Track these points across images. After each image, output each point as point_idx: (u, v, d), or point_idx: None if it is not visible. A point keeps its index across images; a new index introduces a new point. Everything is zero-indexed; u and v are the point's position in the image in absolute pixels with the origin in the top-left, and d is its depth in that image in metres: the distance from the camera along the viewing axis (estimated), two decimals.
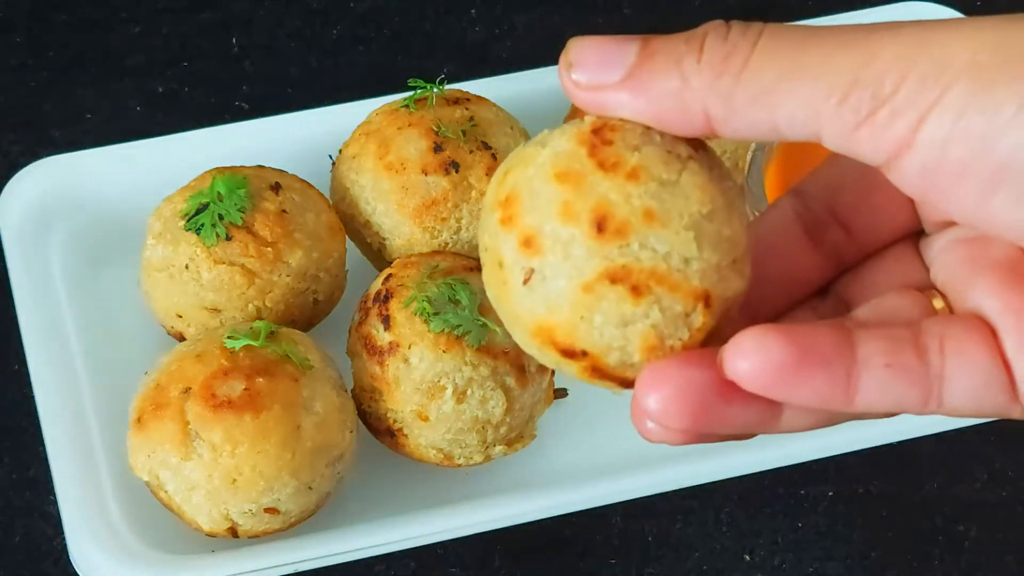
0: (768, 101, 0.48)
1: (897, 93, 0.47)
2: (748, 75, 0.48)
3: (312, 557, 0.84)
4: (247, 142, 0.99)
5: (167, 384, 0.83)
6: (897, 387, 0.50)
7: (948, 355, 0.50)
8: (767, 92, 0.48)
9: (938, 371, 0.50)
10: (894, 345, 0.50)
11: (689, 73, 0.49)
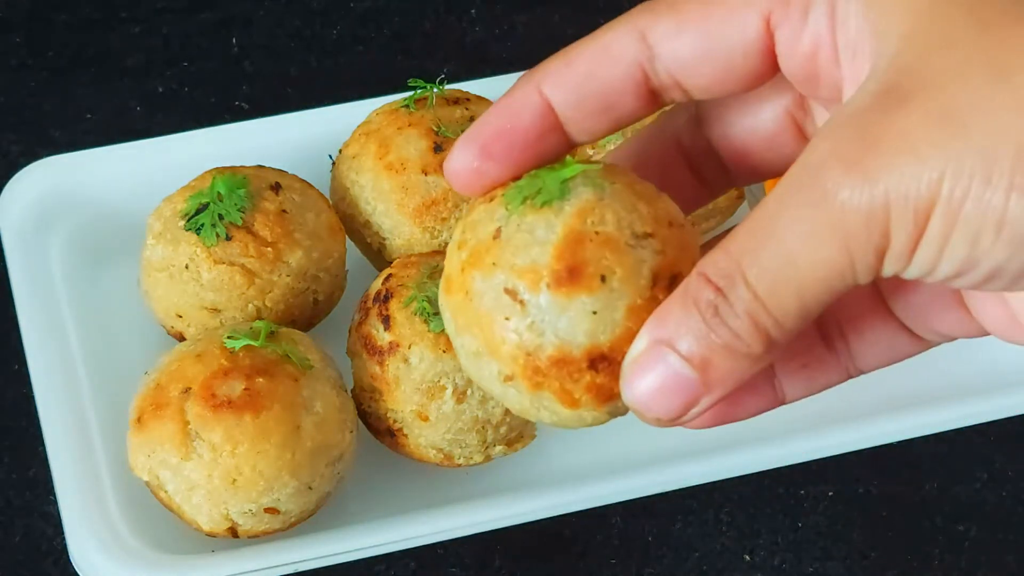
0: (809, 303, 0.49)
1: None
2: (781, 313, 0.49)
3: (312, 557, 0.84)
4: (247, 142, 0.99)
5: (167, 384, 0.83)
6: (818, 380, 0.57)
7: (851, 340, 0.56)
8: (802, 304, 0.49)
9: (847, 353, 0.57)
10: (804, 346, 0.56)
11: (751, 352, 0.49)
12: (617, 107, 0.54)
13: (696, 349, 0.50)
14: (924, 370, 0.96)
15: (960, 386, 0.95)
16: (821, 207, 0.47)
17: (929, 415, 0.91)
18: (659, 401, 0.51)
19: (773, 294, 0.48)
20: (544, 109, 0.54)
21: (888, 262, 0.48)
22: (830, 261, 0.48)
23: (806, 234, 0.47)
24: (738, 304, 0.49)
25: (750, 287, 0.48)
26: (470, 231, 0.53)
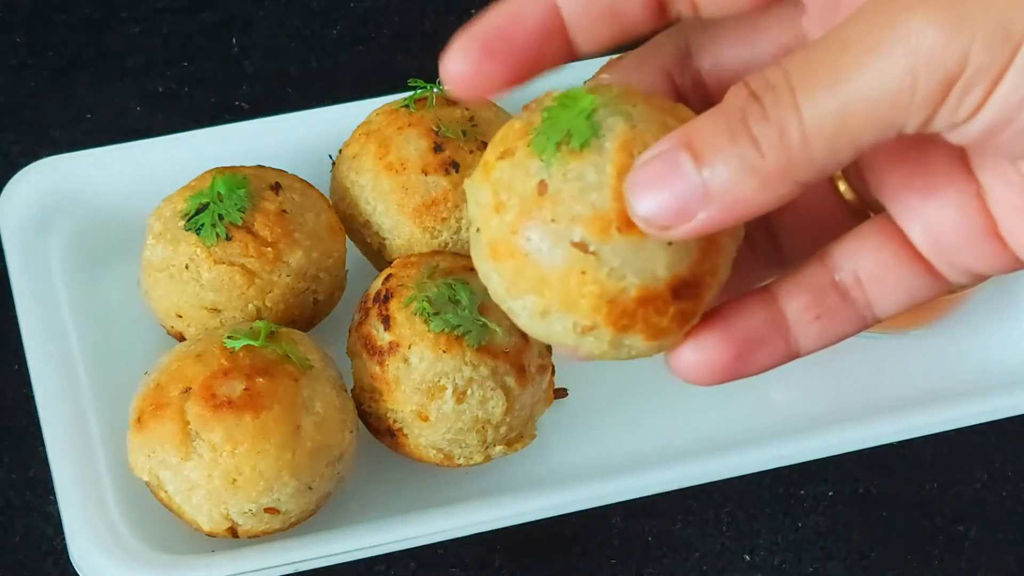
0: (845, 137, 0.46)
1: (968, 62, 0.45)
2: (814, 132, 0.46)
3: (312, 557, 0.84)
4: (247, 142, 0.99)
5: (167, 384, 0.83)
6: (833, 330, 0.54)
7: (867, 286, 0.54)
8: (838, 134, 0.46)
9: (864, 300, 0.54)
10: (816, 296, 0.54)
11: (761, 169, 0.47)
12: (624, 14, 0.52)
13: (709, 154, 0.47)
14: (924, 370, 0.96)
15: (960, 386, 0.95)
16: (895, 20, 0.44)
17: (929, 415, 0.91)
18: (654, 193, 0.48)
19: (813, 105, 0.46)
20: (550, 9, 0.52)
21: (955, 95, 0.45)
22: (889, 79, 0.45)
23: (872, 46, 0.45)
24: (772, 108, 0.46)
25: (790, 93, 0.46)
26: (505, 190, 0.51)
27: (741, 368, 0.54)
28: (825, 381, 0.95)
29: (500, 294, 0.52)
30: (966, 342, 0.98)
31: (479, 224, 0.52)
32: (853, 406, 0.94)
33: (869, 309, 0.54)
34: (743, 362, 0.54)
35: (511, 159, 0.51)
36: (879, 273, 0.54)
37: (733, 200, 0.47)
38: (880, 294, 0.54)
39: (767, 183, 0.47)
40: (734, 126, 0.47)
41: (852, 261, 0.54)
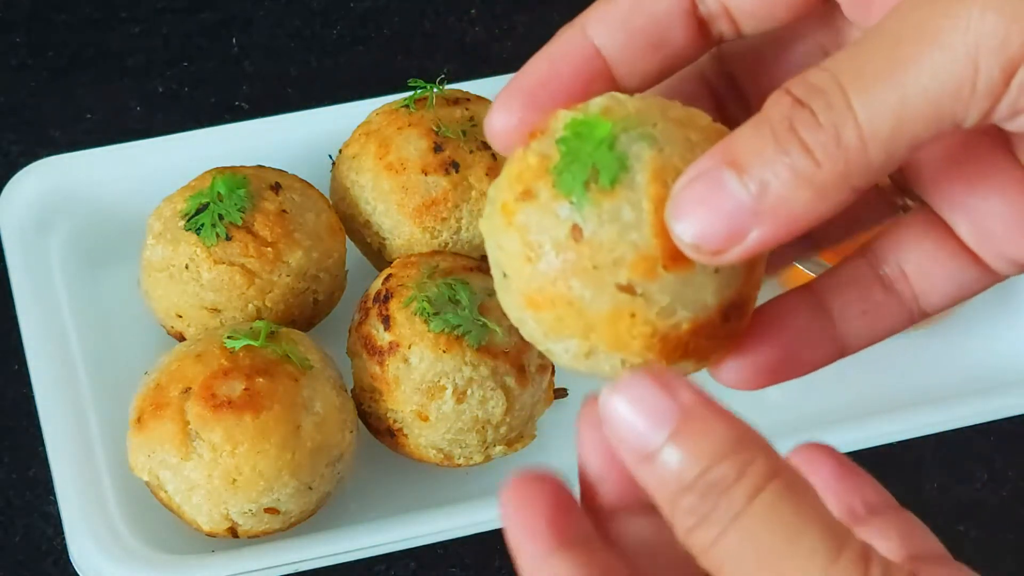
0: (904, 135, 0.44)
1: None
2: (871, 133, 0.44)
3: (312, 557, 0.84)
4: (247, 142, 0.99)
5: (167, 384, 0.83)
6: (880, 325, 0.52)
7: (913, 280, 0.52)
8: (897, 133, 0.44)
9: (910, 295, 0.52)
10: (861, 292, 0.52)
11: (816, 178, 0.44)
12: (667, 42, 0.50)
13: (757, 168, 0.44)
14: (925, 370, 0.96)
15: (960, 386, 0.95)
16: (949, 11, 0.42)
17: (929, 415, 0.91)
18: (702, 218, 0.45)
19: (869, 106, 0.43)
20: (590, 52, 0.50)
21: (1018, 82, 0.43)
22: (950, 71, 0.42)
23: (929, 37, 0.42)
24: (824, 113, 0.43)
25: (843, 95, 0.43)
26: (535, 237, 0.48)
27: (789, 370, 0.52)
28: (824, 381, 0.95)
29: (537, 337, 0.50)
30: (966, 342, 0.98)
31: (507, 270, 0.49)
32: (853, 406, 0.94)
33: (916, 303, 0.53)
34: (790, 364, 0.52)
35: (535, 202, 0.48)
36: (925, 266, 0.52)
37: (788, 214, 0.45)
38: (926, 287, 0.52)
39: (824, 192, 0.44)
40: (782, 135, 0.44)
41: (896, 254, 0.52)
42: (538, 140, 0.49)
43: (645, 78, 0.51)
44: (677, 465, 0.45)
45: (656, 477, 0.45)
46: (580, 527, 0.48)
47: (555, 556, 0.47)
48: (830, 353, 0.53)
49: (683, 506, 0.45)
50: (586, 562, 0.47)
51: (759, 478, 0.44)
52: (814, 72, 0.45)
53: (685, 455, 0.45)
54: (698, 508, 0.44)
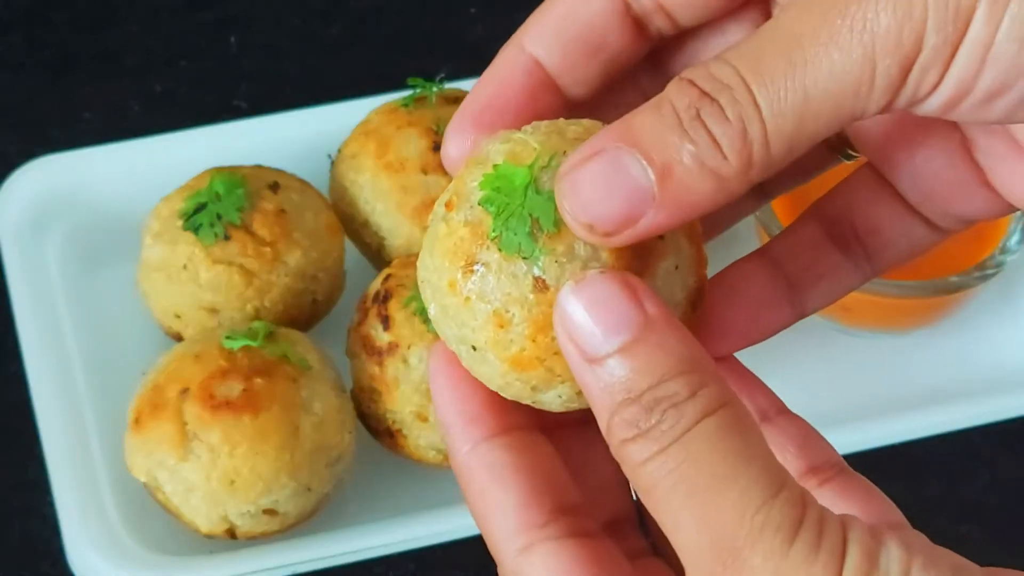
0: (806, 132, 0.45)
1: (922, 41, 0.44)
2: (775, 129, 0.44)
3: (311, 558, 0.84)
4: (245, 141, 0.99)
5: (165, 385, 0.83)
6: (837, 287, 0.53)
7: (865, 239, 0.53)
8: (799, 130, 0.45)
9: (863, 254, 0.53)
10: (816, 255, 0.53)
11: (721, 169, 0.45)
12: (605, 45, 0.51)
13: (660, 153, 0.44)
14: (925, 370, 0.96)
15: (961, 386, 0.95)
16: (848, 10, 0.43)
17: (930, 416, 0.91)
18: (596, 203, 0.45)
19: (773, 104, 0.44)
20: (531, 66, 0.51)
21: (914, 77, 0.44)
22: (848, 71, 0.43)
23: (825, 39, 0.43)
24: (731, 108, 0.44)
25: (749, 92, 0.44)
26: (500, 302, 0.47)
27: (751, 335, 0.53)
28: (825, 381, 0.95)
29: (524, 394, 0.50)
30: (966, 342, 0.98)
31: (476, 344, 0.49)
32: (853, 406, 0.93)
33: (869, 262, 0.54)
34: (752, 329, 0.52)
35: (486, 270, 0.47)
36: (875, 226, 0.53)
37: (687, 201, 0.45)
38: (879, 246, 0.54)
39: (725, 184, 0.45)
40: (689, 124, 0.45)
41: (847, 215, 0.53)
42: (456, 210, 0.48)
43: (589, 85, 0.52)
44: (626, 373, 0.44)
45: (601, 382, 0.45)
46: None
47: (491, 441, 0.49)
48: (789, 315, 0.53)
49: (624, 416, 0.44)
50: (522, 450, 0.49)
51: (710, 401, 0.44)
52: (717, 65, 0.45)
53: (638, 365, 0.44)
54: (639, 420, 0.44)
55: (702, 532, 0.43)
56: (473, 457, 0.50)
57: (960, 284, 0.92)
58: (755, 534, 0.43)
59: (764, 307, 0.53)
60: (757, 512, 0.43)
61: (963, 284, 0.92)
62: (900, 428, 0.91)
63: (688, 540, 0.43)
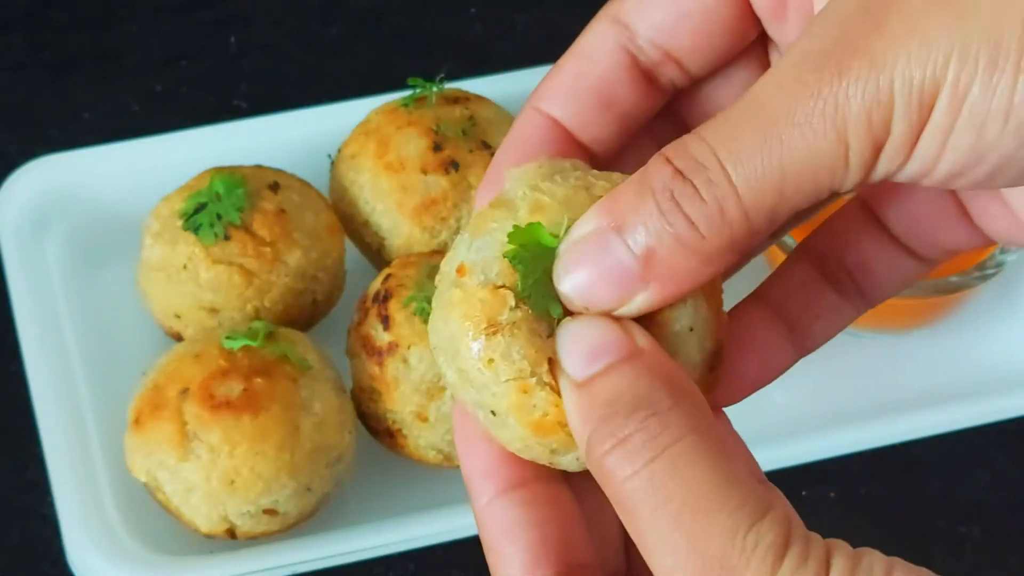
0: (784, 206, 0.46)
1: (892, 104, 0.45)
2: (753, 206, 0.45)
3: (311, 559, 0.84)
4: (245, 141, 0.99)
5: (165, 385, 0.83)
6: (833, 324, 0.55)
7: (855, 274, 0.55)
8: (777, 206, 0.46)
9: (856, 290, 0.55)
10: (811, 296, 0.54)
11: (702, 248, 0.46)
12: (617, 100, 0.52)
13: (642, 236, 0.46)
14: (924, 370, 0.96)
15: (961, 386, 0.95)
16: (820, 92, 0.44)
17: (930, 416, 0.91)
18: (590, 289, 0.47)
19: (750, 182, 0.45)
20: (549, 125, 0.52)
21: (885, 158, 0.45)
22: (823, 152, 0.45)
23: (800, 120, 0.44)
24: (706, 189, 0.45)
25: (724, 173, 0.45)
26: (525, 372, 0.48)
27: (757, 383, 0.54)
28: (826, 382, 0.95)
29: (543, 456, 0.50)
30: (966, 342, 0.98)
31: (496, 409, 0.49)
32: (854, 406, 0.93)
33: (862, 297, 0.55)
34: (758, 377, 0.54)
35: (511, 332, 0.48)
36: (864, 261, 0.54)
37: (674, 279, 0.47)
38: (870, 281, 0.55)
39: (709, 259, 0.46)
40: (664, 205, 0.46)
41: (836, 252, 0.55)
42: (470, 275, 0.48)
43: (607, 142, 0.53)
44: (608, 389, 0.45)
45: (583, 401, 0.46)
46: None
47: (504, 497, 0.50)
48: (792, 358, 0.55)
49: (605, 428, 0.45)
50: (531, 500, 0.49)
51: (694, 417, 0.45)
52: (692, 141, 0.46)
53: (621, 382, 0.45)
54: (619, 430, 0.44)
55: (693, 553, 0.43)
56: (488, 510, 0.51)
57: (960, 284, 0.92)
58: (748, 553, 0.43)
59: (769, 353, 0.54)
60: (749, 532, 0.43)
61: (963, 284, 0.92)
62: (900, 428, 0.91)
63: (678, 561, 0.44)
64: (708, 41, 0.52)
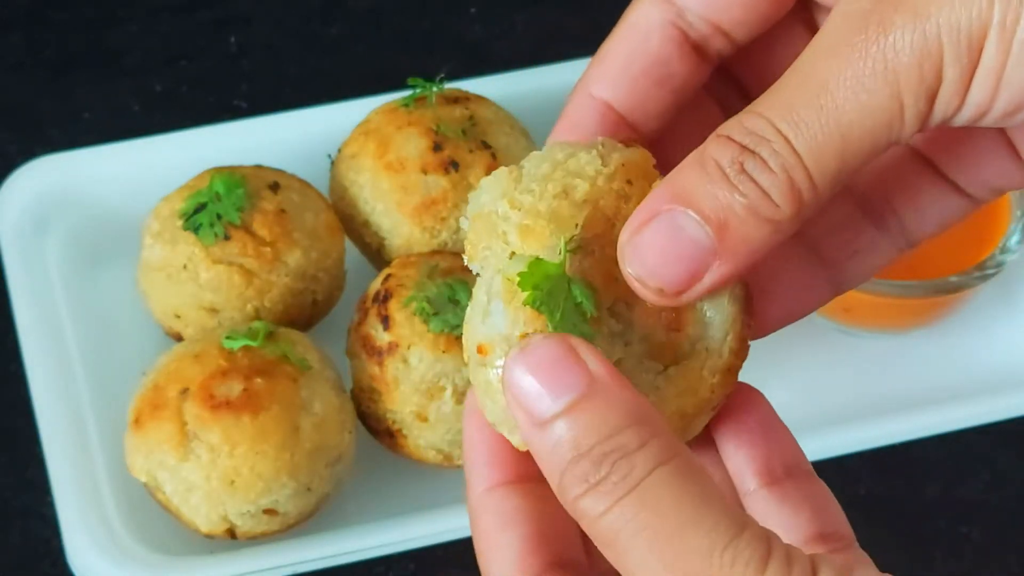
0: (847, 168, 0.47)
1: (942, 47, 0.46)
2: (819, 172, 0.47)
3: (311, 559, 0.84)
4: (245, 141, 0.99)
5: (165, 385, 0.83)
6: (871, 262, 0.55)
7: (901, 213, 0.55)
8: (841, 168, 0.47)
9: (899, 227, 0.55)
10: (851, 233, 0.54)
11: (775, 216, 0.47)
12: (670, 76, 0.53)
13: (713, 209, 0.47)
14: (924, 370, 0.96)
15: (961, 386, 0.95)
16: (868, 52, 0.45)
17: (930, 416, 0.91)
18: (662, 267, 0.48)
19: (813, 149, 0.46)
20: (602, 109, 0.53)
21: (940, 104, 0.46)
22: (879, 110, 0.46)
23: (852, 82, 0.45)
24: (772, 159, 0.46)
25: (787, 143, 0.46)
26: None
27: (789, 316, 0.54)
28: (825, 381, 0.95)
29: None
30: (966, 342, 0.98)
31: None
32: (854, 406, 0.93)
33: (904, 237, 0.55)
34: (790, 310, 0.54)
35: None
36: (909, 193, 0.55)
37: (747, 250, 0.47)
38: (915, 219, 0.55)
39: (780, 227, 0.47)
40: (736, 178, 0.47)
41: (882, 191, 0.55)
42: (492, 354, 0.50)
43: (661, 116, 0.54)
44: (573, 432, 0.45)
45: (549, 443, 0.46)
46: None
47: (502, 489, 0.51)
48: (827, 294, 0.55)
49: (575, 472, 0.45)
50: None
51: (661, 451, 0.45)
52: (750, 119, 0.47)
53: (584, 422, 0.45)
54: (589, 475, 0.45)
55: (671, 574, 0.44)
56: (486, 498, 0.52)
57: (960, 284, 0.92)
58: (726, 570, 0.44)
59: (801, 290, 0.54)
60: (725, 549, 0.44)
61: (963, 284, 0.92)
62: (900, 428, 0.91)
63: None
64: (756, 11, 0.53)
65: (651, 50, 0.53)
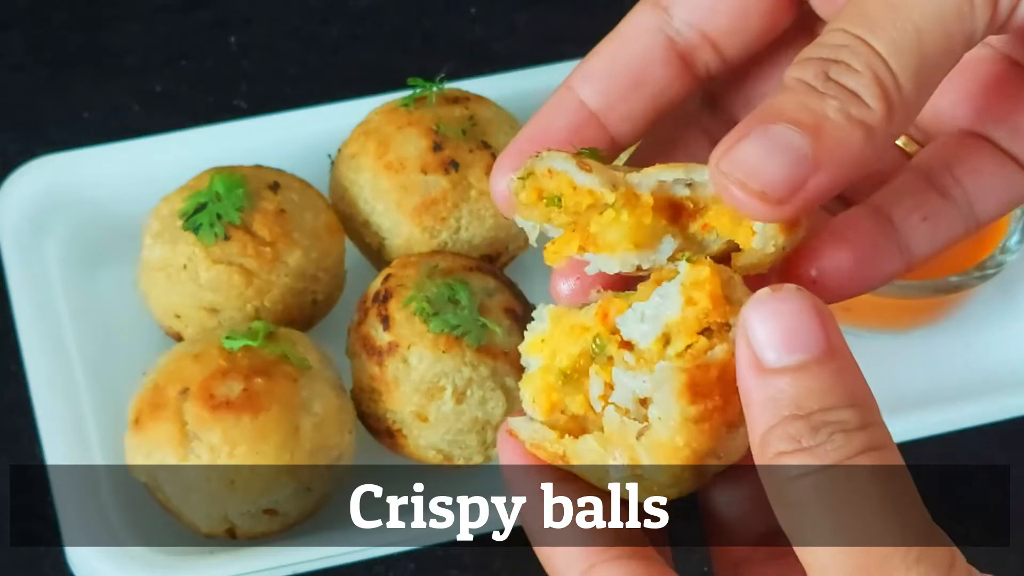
0: (927, 65, 0.48)
1: None
2: (900, 68, 0.47)
3: (311, 559, 0.84)
4: (245, 141, 0.99)
5: (165, 385, 0.83)
6: (941, 231, 0.54)
7: (968, 188, 0.55)
8: (921, 64, 0.47)
9: (965, 200, 0.55)
10: (919, 199, 0.54)
11: (868, 117, 0.47)
12: (648, 80, 0.54)
13: (806, 116, 0.47)
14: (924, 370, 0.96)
15: (960, 386, 0.95)
16: None
17: (930, 416, 0.91)
18: (762, 164, 0.47)
19: (891, 46, 0.47)
20: (576, 106, 0.54)
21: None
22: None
23: None
24: (855, 60, 0.47)
25: (864, 44, 0.47)
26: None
27: (864, 275, 0.53)
28: None
29: None
30: (966, 342, 0.98)
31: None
32: None
33: (971, 209, 0.55)
34: (865, 269, 0.53)
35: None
36: (974, 168, 0.55)
37: (844, 154, 0.47)
38: (981, 195, 0.55)
39: (873, 133, 0.47)
40: (822, 86, 0.47)
41: (947, 167, 0.55)
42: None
43: (634, 121, 0.54)
44: (799, 391, 0.46)
45: (767, 393, 0.46)
46: None
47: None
48: (898, 263, 0.55)
49: (788, 429, 0.46)
50: None
51: (876, 439, 0.46)
52: (824, 35, 0.48)
53: (812, 386, 0.46)
54: (803, 437, 0.46)
55: (852, 554, 0.45)
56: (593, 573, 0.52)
57: (960, 284, 0.92)
58: (911, 565, 0.45)
59: (873, 251, 0.54)
60: (911, 549, 0.45)
61: (963, 284, 0.92)
62: (900, 428, 0.90)
63: (835, 560, 0.45)
64: (745, 23, 0.54)
65: (634, 53, 0.54)
